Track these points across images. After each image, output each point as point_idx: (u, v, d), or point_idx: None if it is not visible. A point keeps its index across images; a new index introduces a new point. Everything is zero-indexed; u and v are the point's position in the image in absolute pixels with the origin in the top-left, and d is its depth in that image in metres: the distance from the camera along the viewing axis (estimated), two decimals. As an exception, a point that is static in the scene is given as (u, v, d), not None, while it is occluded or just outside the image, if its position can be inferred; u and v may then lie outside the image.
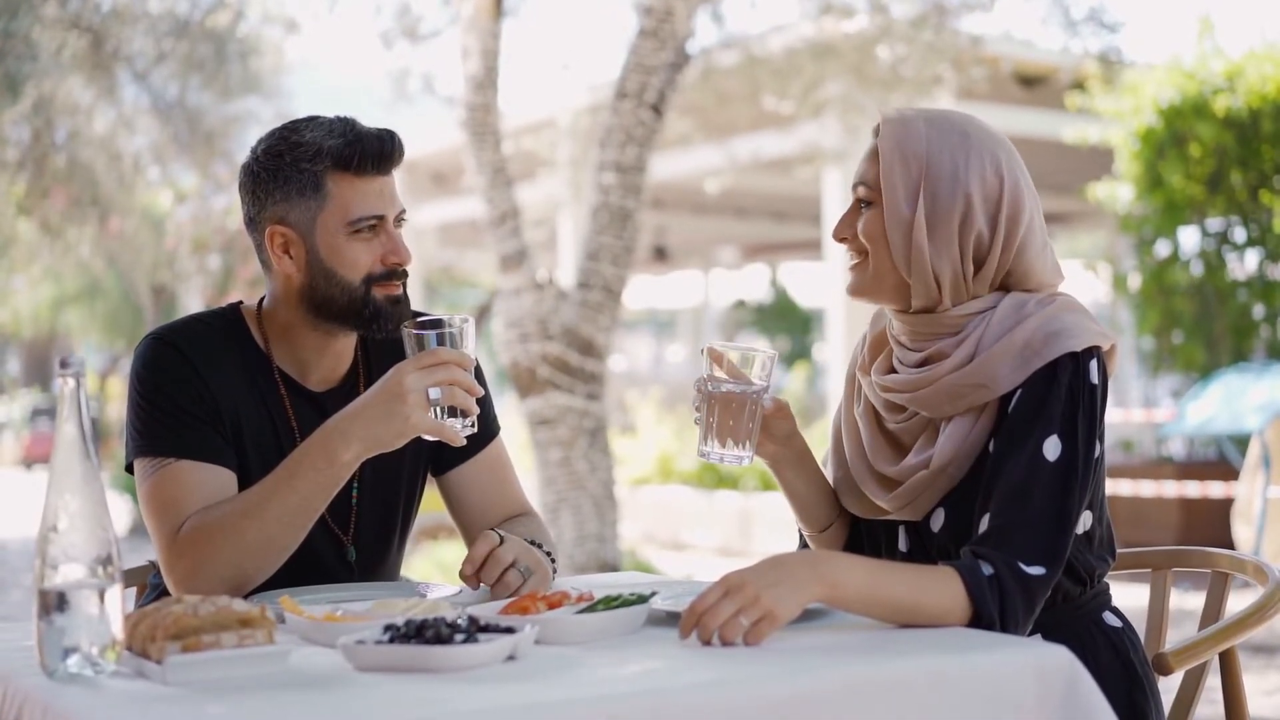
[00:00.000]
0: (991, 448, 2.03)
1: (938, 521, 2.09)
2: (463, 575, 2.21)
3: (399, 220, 2.33)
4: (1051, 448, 1.96)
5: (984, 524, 1.97)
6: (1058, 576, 1.95)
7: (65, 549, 1.65)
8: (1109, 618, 2.15)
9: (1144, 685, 2.11)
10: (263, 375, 2.36)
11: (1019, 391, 2.01)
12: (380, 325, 2.31)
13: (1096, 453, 2.02)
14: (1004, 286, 2.11)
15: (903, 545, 2.17)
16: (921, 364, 2.11)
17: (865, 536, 2.26)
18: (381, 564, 2.48)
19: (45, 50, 7.50)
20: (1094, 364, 2.01)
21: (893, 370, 2.17)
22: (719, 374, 2.11)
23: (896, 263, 2.08)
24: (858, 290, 2.15)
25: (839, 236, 2.16)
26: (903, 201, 2.06)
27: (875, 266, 2.11)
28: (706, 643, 1.77)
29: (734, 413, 2.10)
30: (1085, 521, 2.07)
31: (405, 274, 2.33)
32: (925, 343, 2.12)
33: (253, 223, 2.34)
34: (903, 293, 2.11)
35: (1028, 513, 1.94)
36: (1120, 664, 2.10)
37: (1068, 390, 1.98)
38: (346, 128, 2.29)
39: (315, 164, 2.27)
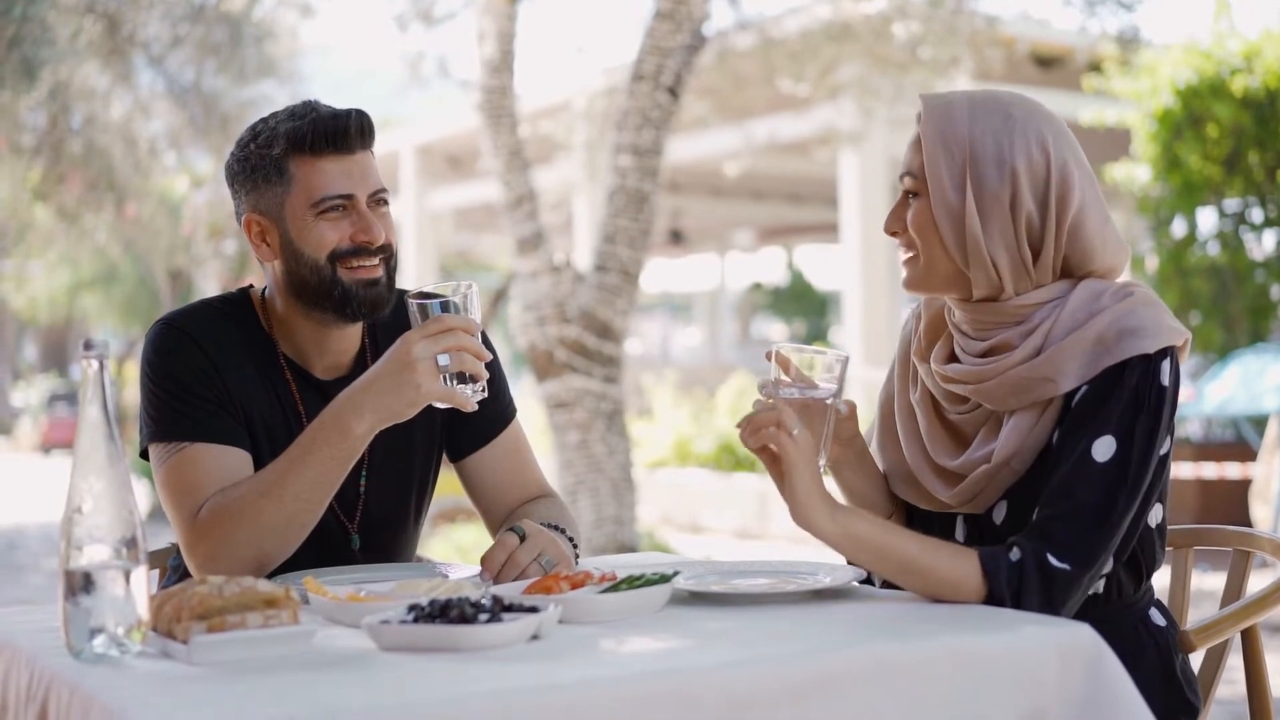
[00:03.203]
0: (1054, 441, 1.98)
1: (1000, 514, 2.05)
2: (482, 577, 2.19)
3: (377, 201, 2.29)
4: (1102, 449, 1.91)
5: (1033, 517, 1.94)
6: (1086, 577, 1.91)
7: (90, 530, 1.65)
8: (1155, 616, 2.11)
9: (1181, 688, 2.08)
10: (270, 360, 2.36)
11: (1084, 388, 1.95)
12: (354, 309, 2.27)
13: (1163, 450, 1.96)
14: (1067, 271, 2.04)
15: (960, 535, 2.12)
16: (985, 354, 2.04)
17: (920, 523, 2.18)
18: (390, 553, 2.46)
19: (61, 35, 7.51)
20: (1166, 364, 1.94)
21: (953, 358, 2.10)
22: (785, 379, 2.01)
23: (951, 253, 2.01)
24: (913, 284, 2.08)
25: (890, 230, 2.10)
26: (949, 189, 2.00)
27: (927, 259, 2.04)
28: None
29: (805, 420, 1.98)
30: (1157, 514, 2.04)
31: (380, 252, 2.27)
32: (989, 332, 2.05)
33: (239, 218, 2.35)
34: (959, 282, 2.04)
35: (1066, 510, 1.90)
36: (1161, 663, 2.06)
37: (1132, 393, 1.93)
38: (306, 110, 2.28)
39: (273, 149, 2.26)
